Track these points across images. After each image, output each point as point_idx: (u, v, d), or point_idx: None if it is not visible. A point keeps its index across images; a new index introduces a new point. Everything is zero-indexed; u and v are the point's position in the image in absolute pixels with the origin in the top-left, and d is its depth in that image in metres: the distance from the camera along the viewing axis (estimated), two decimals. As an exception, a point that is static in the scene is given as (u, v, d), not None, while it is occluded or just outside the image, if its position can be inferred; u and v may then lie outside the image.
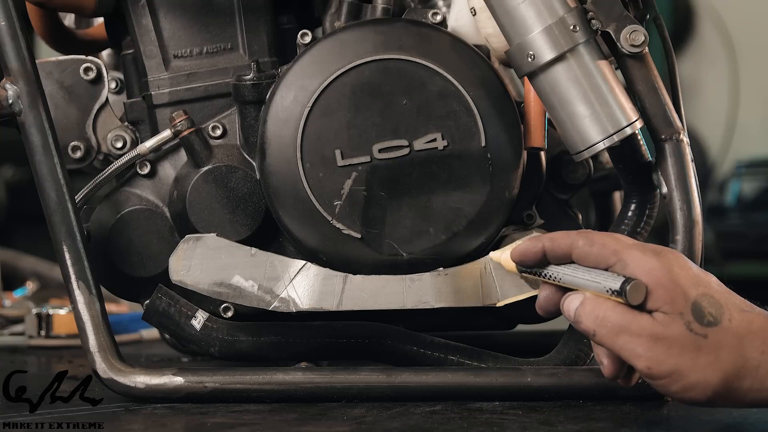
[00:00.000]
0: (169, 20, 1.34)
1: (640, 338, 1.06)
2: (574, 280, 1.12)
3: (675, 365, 1.05)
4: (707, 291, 1.07)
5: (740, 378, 1.05)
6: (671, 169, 1.23)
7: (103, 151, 1.35)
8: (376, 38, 1.26)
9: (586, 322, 1.09)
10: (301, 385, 1.22)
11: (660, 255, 1.08)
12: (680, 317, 1.06)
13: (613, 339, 1.07)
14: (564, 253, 1.13)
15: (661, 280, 1.07)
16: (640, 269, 1.07)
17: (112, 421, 1.15)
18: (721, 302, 1.07)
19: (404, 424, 1.12)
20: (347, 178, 1.25)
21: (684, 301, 1.06)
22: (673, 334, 1.05)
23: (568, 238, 1.13)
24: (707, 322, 1.06)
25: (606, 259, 1.10)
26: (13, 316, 1.88)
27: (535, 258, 1.15)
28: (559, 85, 1.20)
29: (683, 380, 1.06)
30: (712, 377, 1.05)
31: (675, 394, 1.07)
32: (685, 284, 1.07)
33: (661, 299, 1.06)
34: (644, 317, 1.07)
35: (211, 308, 1.30)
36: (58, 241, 1.23)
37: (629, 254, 1.09)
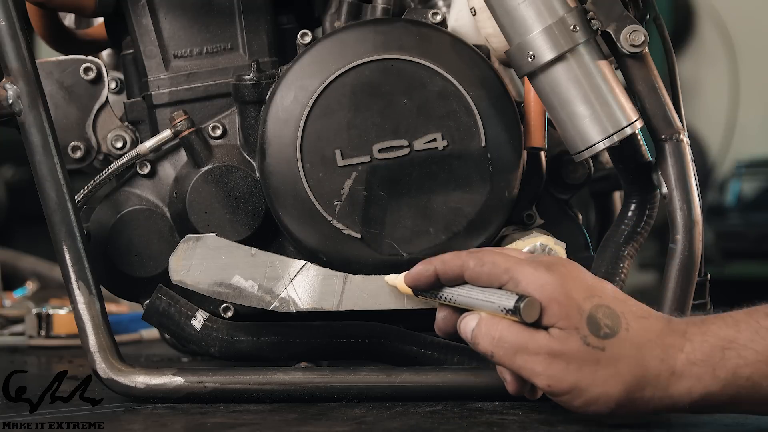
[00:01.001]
0: (169, 20, 1.34)
1: (538, 356, 1.06)
2: (468, 300, 1.11)
3: (575, 381, 1.05)
4: (602, 301, 1.06)
5: (642, 388, 1.05)
6: (671, 169, 1.23)
7: (103, 151, 1.35)
8: (376, 38, 1.26)
9: (483, 343, 1.09)
10: (301, 385, 1.22)
11: (552, 269, 1.08)
12: (576, 332, 1.05)
13: (511, 359, 1.07)
14: (456, 274, 1.13)
15: (554, 295, 1.06)
16: (533, 285, 1.07)
17: (112, 421, 1.15)
18: (617, 311, 1.06)
19: (404, 424, 1.12)
20: (347, 178, 1.25)
21: (579, 315, 1.05)
22: (570, 349, 1.05)
23: (459, 259, 1.12)
24: (604, 335, 1.05)
25: (498, 278, 1.09)
26: (13, 316, 1.88)
27: (428, 282, 1.15)
28: (559, 85, 1.20)
29: (584, 395, 1.05)
30: (613, 390, 1.05)
31: (578, 409, 1.06)
32: (579, 297, 1.06)
33: (555, 315, 1.05)
34: (541, 335, 1.06)
35: (211, 308, 1.30)
36: (58, 241, 1.23)
37: (520, 271, 1.08)
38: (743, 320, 1.06)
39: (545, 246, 1.25)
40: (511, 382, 1.10)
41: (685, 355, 1.05)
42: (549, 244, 1.25)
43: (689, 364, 1.05)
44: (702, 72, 4.60)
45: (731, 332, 1.05)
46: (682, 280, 1.22)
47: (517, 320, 1.06)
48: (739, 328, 1.05)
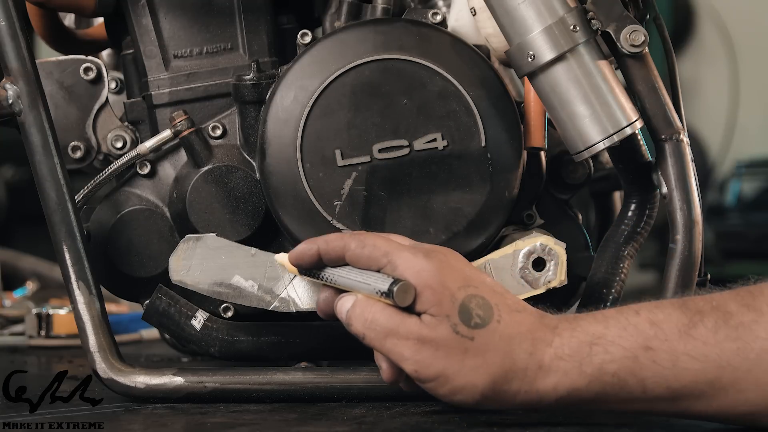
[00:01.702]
0: (169, 20, 1.34)
1: (408, 341, 1.06)
2: (347, 281, 1.12)
3: (442, 368, 1.05)
4: (477, 292, 1.07)
5: (508, 380, 1.05)
6: (671, 169, 1.23)
7: (103, 151, 1.35)
8: (376, 38, 1.26)
9: (356, 324, 1.09)
10: (301, 385, 1.22)
11: (430, 256, 1.08)
12: (447, 319, 1.05)
13: (381, 342, 1.07)
14: (338, 255, 1.13)
15: (429, 282, 1.06)
16: (410, 271, 1.07)
17: (112, 421, 1.15)
18: (491, 303, 1.07)
19: (404, 424, 1.12)
20: (347, 178, 1.25)
21: (451, 303, 1.06)
22: (440, 336, 1.05)
23: (341, 240, 1.13)
24: (474, 324, 1.05)
25: (377, 261, 1.10)
26: (13, 316, 1.88)
27: (311, 260, 1.15)
28: (559, 85, 1.20)
29: (450, 383, 1.05)
30: (479, 380, 1.05)
31: (443, 397, 1.06)
32: (454, 286, 1.06)
33: (428, 301, 1.06)
34: (412, 320, 1.06)
35: (211, 308, 1.30)
36: (58, 241, 1.23)
37: (399, 256, 1.08)
38: (613, 317, 1.06)
39: (545, 246, 1.25)
40: (386, 369, 1.10)
41: (554, 349, 1.05)
42: (549, 244, 1.25)
43: (557, 358, 1.05)
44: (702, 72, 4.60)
45: (600, 328, 1.05)
46: (682, 280, 1.22)
47: (391, 303, 1.07)
48: (608, 324, 1.05)
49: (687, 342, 1.04)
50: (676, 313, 1.05)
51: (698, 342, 1.03)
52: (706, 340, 1.03)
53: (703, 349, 1.03)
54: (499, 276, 1.25)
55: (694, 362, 1.03)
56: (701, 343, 1.03)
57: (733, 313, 1.04)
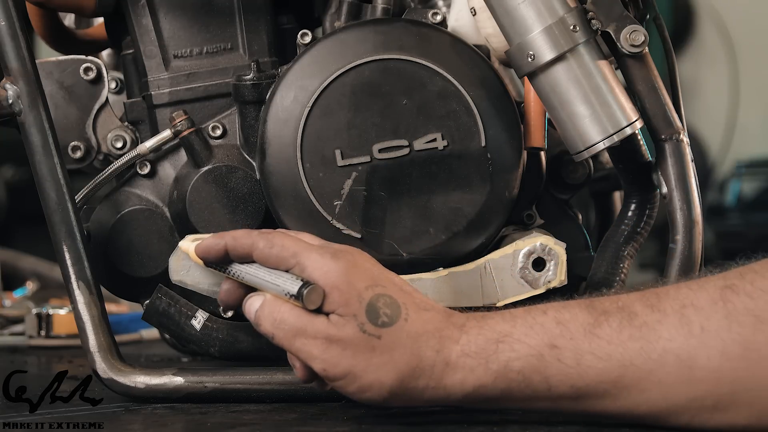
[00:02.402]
0: (169, 20, 1.34)
1: (316, 340, 1.07)
2: (254, 280, 1.12)
3: (349, 366, 1.06)
4: (384, 291, 1.07)
5: (415, 378, 1.06)
6: (671, 169, 1.23)
7: (103, 151, 1.35)
8: (376, 38, 1.26)
9: (265, 324, 1.10)
10: (301, 385, 1.22)
11: (337, 257, 1.09)
12: (354, 319, 1.06)
13: (290, 341, 1.08)
14: (245, 252, 1.13)
15: (336, 283, 1.07)
16: (318, 272, 1.08)
17: (112, 421, 1.15)
18: (398, 302, 1.07)
19: (404, 424, 1.12)
20: (347, 178, 1.25)
21: (358, 303, 1.06)
22: (347, 335, 1.06)
23: (250, 238, 1.13)
24: (381, 323, 1.06)
25: (285, 261, 1.10)
26: (13, 316, 1.88)
27: (217, 255, 1.15)
28: (559, 85, 1.20)
29: (358, 381, 1.06)
30: (386, 377, 1.06)
31: (352, 395, 1.07)
32: (361, 286, 1.07)
33: (336, 302, 1.07)
34: (320, 320, 1.07)
35: (211, 308, 1.30)
36: (58, 241, 1.23)
37: (307, 257, 1.09)
38: (520, 316, 1.07)
39: (545, 246, 1.25)
40: (299, 369, 1.10)
41: (460, 347, 1.06)
42: (549, 244, 1.25)
43: (463, 355, 1.06)
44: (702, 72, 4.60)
45: (507, 326, 1.06)
46: (682, 280, 1.22)
47: (299, 306, 1.07)
48: (515, 323, 1.06)
49: (592, 341, 1.04)
50: (582, 312, 1.06)
51: (603, 341, 1.04)
52: (610, 339, 1.04)
53: (607, 348, 1.04)
54: (499, 276, 1.25)
55: (598, 361, 1.04)
56: (605, 342, 1.04)
57: (637, 313, 1.05)
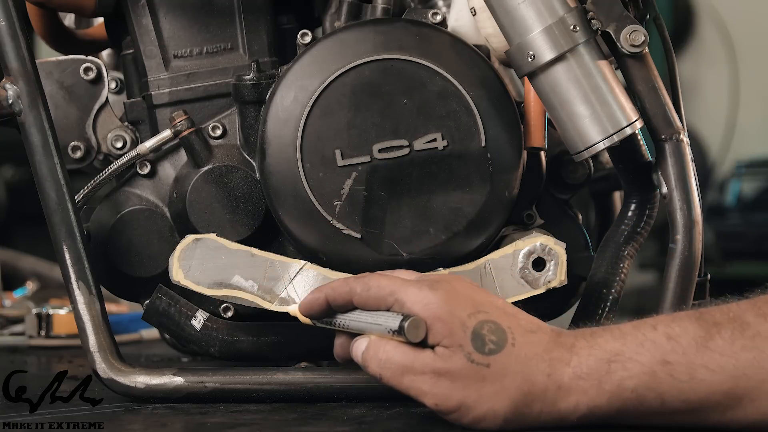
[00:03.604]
0: (169, 20, 1.34)
1: (424, 376, 1.06)
2: (358, 325, 1.12)
3: (461, 399, 1.05)
4: (488, 317, 1.06)
5: (529, 403, 1.04)
6: (671, 169, 1.23)
7: (103, 151, 1.35)
8: (376, 38, 1.26)
9: (372, 365, 1.09)
10: (301, 385, 1.22)
11: (435, 287, 1.08)
12: (460, 349, 1.05)
13: (398, 380, 1.07)
14: (345, 300, 1.13)
15: (438, 314, 1.06)
16: (418, 305, 1.07)
17: (112, 421, 1.15)
18: (503, 326, 1.06)
19: (404, 424, 1.12)
20: (347, 178, 1.25)
21: (462, 332, 1.05)
22: (455, 367, 1.05)
23: (347, 285, 1.13)
24: (489, 351, 1.05)
25: (384, 301, 1.09)
26: (13, 316, 1.88)
27: (320, 309, 1.15)
28: (559, 85, 1.20)
29: (472, 413, 1.05)
30: (500, 406, 1.04)
31: (468, 426, 1.06)
32: (463, 314, 1.06)
33: (439, 333, 1.05)
34: (426, 354, 1.06)
35: (211, 308, 1.30)
36: (58, 241, 1.23)
37: (405, 292, 1.08)
38: (630, 333, 1.06)
39: (545, 246, 1.25)
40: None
41: (572, 369, 1.05)
42: (549, 244, 1.25)
43: (575, 378, 1.04)
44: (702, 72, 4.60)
45: (617, 345, 1.05)
46: (682, 280, 1.22)
47: (403, 341, 1.06)
48: (625, 340, 1.05)
49: (704, 354, 1.03)
50: (692, 326, 1.05)
51: (715, 354, 1.03)
52: (722, 352, 1.03)
53: (720, 360, 1.03)
54: (499, 276, 1.25)
55: (710, 374, 1.03)
56: (718, 355, 1.03)
57: (750, 323, 1.04)
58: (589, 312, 1.28)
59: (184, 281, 1.25)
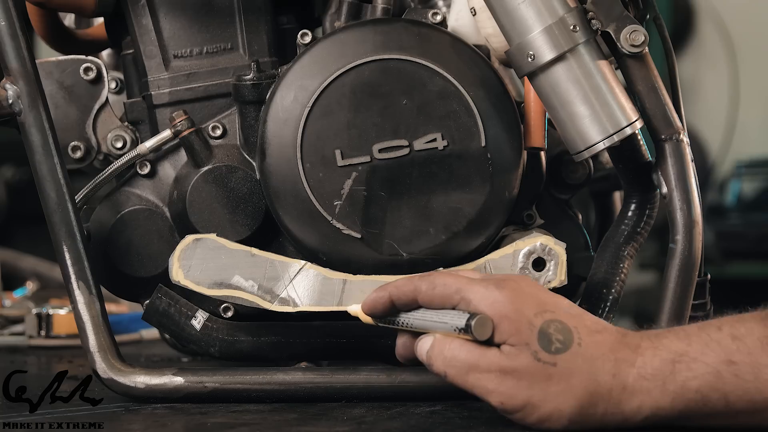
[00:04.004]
0: (169, 20, 1.34)
1: (490, 374, 1.05)
2: (423, 323, 1.11)
3: (527, 397, 1.04)
4: (554, 316, 1.06)
5: (594, 404, 1.04)
6: (671, 169, 1.23)
7: (103, 151, 1.35)
8: (376, 38, 1.26)
9: (437, 364, 1.09)
10: (301, 385, 1.22)
11: (502, 286, 1.07)
12: (527, 348, 1.04)
13: (463, 378, 1.07)
14: (410, 299, 1.13)
15: (505, 312, 1.05)
16: (484, 303, 1.06)
17: (112, 421, 1.15)
18: (569, 326, 1.06)
19: (404, 424, 1.12)
20: (347, 178, 1.25)
21: (529, 331, 1.05)
22: (521, 365, 1.04)
23: (411, 283, 1.13)
24: (555, 350, 1.05)
25: (450, 299, 1.09)
26: (13, 316, 1.88)
27: (384, 308, 1.15)
28: (559, 85, 1.20)
29: (537, 412, 1.05)
30: (565, 406, 1.04)
31: (532, 426, 1.06)
32: (530, 312, 1.06)
33: (506, 332, 1.05)
34: (492, 352, 1.06)
35: (211, 308, 1.30)
36: (58, 241, 1.23)
37: (471, 290, 1.08)
38: (695, 333, 1.06)
39: (545, 246, 1.25)
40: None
41: (637, 369, 1.04)
42: (549, 244, 1.25)
43: (640, 378, 1.04)
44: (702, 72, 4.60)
45: (682, 345, 1.05)
46: (682, 280, 1.22)
47: (470, 339, 1.06)
48: (690, 341, 1.05)
49: None
50: (758, 326, 1.05)
51: None
52: None
53: None
54: (499, 276, 1.25)
55: None
56: None
57: None
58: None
59: (184, 281, 1.25)
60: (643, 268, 3.60)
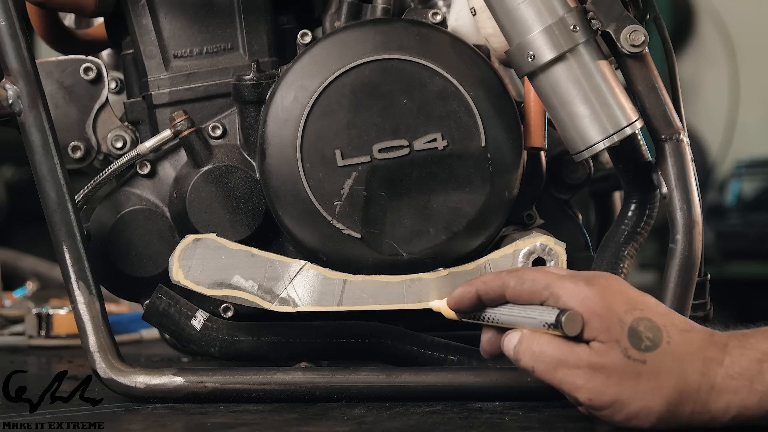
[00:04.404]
0: (169, 20, 1.34)
1: (579, 370, 1.05)
2: (510, 319, 1.11)
3: (616, 394, 1.04)
4: (644, 314, 1.05)
5: (682, 402, 1.04)
6: (671, 169, 1.23)
7: (103, 151, 1.35)
8: (376, 38, 1.26)
9: (524, 359, 1.08)
10: (301, 385, 1.22)
11: (592, 283, 1.07)
12: (617, 345, 1.04)
13: (551, 373, 1.07)
14: (497, 294, 1.12)
15: (595, 309, 1.05)
16: (574, 299, 1.06)
17: (112, 421, 1.15)
18: (659, 324, 1.05)
19: (404, 424, 1.12)
20: (347, 178, 1.25)
21: (620, 328, 1.05)
22: (611, 362, 1.04)
23: (499, 279, 1.12)
24: (645, 347, 1.04)
25: (539, 294, 1.09)
26: (13, 316, 1.88)
27: (471, 303, 1.14)
28: (559, 85, 1.20)
29: (626, 409, 1.04)
30: (654, 403, 1.04)
31: (620, 423, 1.05)
32: (620, 310, 1.05)
33: (596, 328, 1.05)
34: (581, 348, 1.05)
35: (211, 308, 1.30)
36: (58, 241, 1.23)
37: (561, 286, 1.07)
38: None
39: (545, 246, 1.25)
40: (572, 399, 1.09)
41: (725, 369, 1.04)
42: (549, 244, 1.25)
43: (728, 378, 1.04)
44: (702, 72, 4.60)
45: None
46: (682, 280, 1.22)
47: (559, 334, 1.06)
48: None
49: None
50: None
51: None
52: None
53: None
54: (499, 276, 1.25)
55: None
56: None
57: None
58: (589, 312, 1.28)
59: (184, 281, 1.25)
60: (643, 268, 3.59)
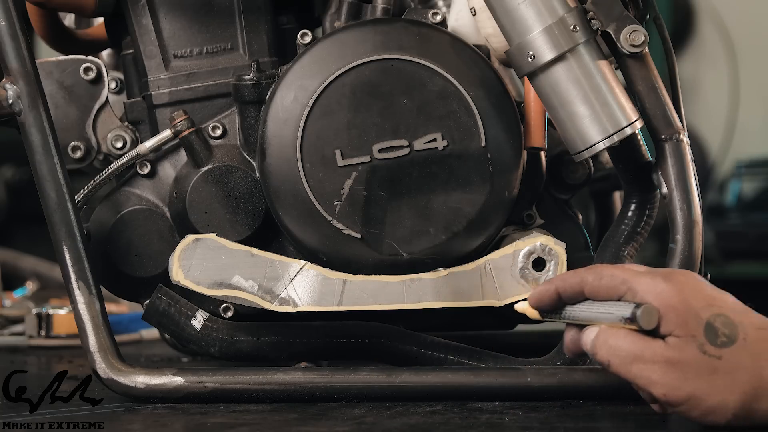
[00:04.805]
0: (169, 20, 1.34)
1: (654, 364, 1.05)
2: (589, 315, 1.11)
3: (692, 390, 1.04)
4: (721, 311, 1.05)
5: (758, 398, 1.04)
6: (671, 169, 1.23)
7: (103, 151, 1.35)
8: (376, 38, 1.26)
9: (601, 353, 1.08)
10: (301, 385, 1.22)
11: (670, 278, 1.07)
12: (693, 340, 1.04)
13: (627, 368, 1.06)
14: (575, 291, 1.12)
15: (672, 303, 1.05)
16: (651, 294, 1.06)
17: (112, 421, 1.15)
18: (735, 321, 1.05)
19: (404, 424, 1.12)
20: (347, 178, 1.25)
21: (696, 323, 1.04)
22: (687, 357, 1.04)
23: (578, 275, 1.12)
24: (721, 343, 1.04)
25: (616, 290, 1.09)
26: (13, 316, 1.88)
27: (551, 300, 1.14)
28: (559, 85, 1.20)
29: (702, 405, 1.04)
30: (730, 399, 1.04)
31: (696, 419, 1.05)
32: (697, 305, 1.05)
33: (673, 323, 1.05)
34: (657, 343, 1.05)
35: (211, 308, 1.30)
36: (58, 241, 1.23)
37: (638, 281, 1.07)
38: None
39: (545, 246, 1.25)
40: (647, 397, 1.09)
41: None
42: (549, 244, 1.25)
43: None
44: (702, 72, 4.60)
45: None
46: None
47: (635, 329, 1.06)
48: None
49: None
50: None
51: None
52: None
53: None
54: (499, 276, 1.25)
55: None
56: None
57: None
58: (589, 312, 1.28)
59: (184, 281, 1.25)
60: (643, 268, 3.59)
